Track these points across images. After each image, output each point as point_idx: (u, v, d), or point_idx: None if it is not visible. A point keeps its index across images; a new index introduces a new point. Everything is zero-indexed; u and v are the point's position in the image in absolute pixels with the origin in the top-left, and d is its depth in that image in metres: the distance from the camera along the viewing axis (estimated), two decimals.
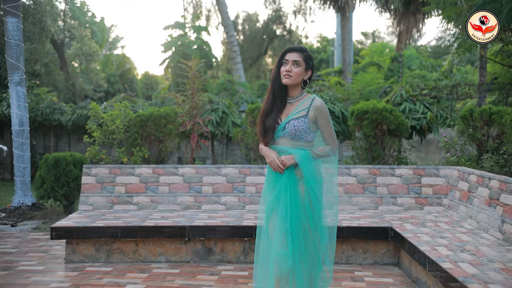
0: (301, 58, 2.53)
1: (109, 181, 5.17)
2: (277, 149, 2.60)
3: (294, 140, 2.57)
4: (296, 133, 2.53)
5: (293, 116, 2.55)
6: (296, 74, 2.52)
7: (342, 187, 5.04)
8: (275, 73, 2.59)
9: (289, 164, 2.52)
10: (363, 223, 4.31)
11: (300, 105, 2.58)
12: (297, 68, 2.52)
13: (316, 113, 2.56)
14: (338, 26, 21.30)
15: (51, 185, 6.64)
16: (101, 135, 5.28)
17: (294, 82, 2.55)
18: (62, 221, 4.54)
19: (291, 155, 2.54)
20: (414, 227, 4.08)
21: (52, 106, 11.28)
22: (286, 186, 2.54)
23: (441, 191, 4.85)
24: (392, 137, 5.17)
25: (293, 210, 2.50)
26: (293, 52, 2.54)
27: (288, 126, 2.55)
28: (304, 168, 2.51)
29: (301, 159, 2.52)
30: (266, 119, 2.61)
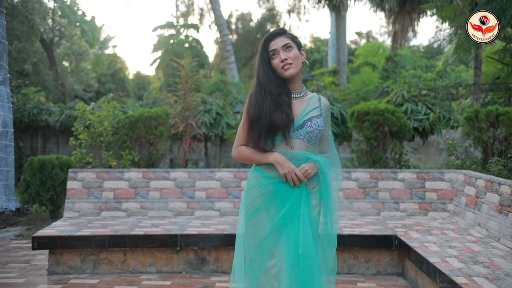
0: (288, 39, 2.12)
1: (97, 186, 4.89)
2: (291, 155, 2.05)
3: (310, 144, 2.08)
4: (317, 134, 2.07)
5: (312, 113, 2.09)
6: (294, 59, 2.08)
7: (342, 192, 4.80)
8: (264, 73, 2.09)
9: (312, 174, 2.04)
10: (365, 231, 4.08)
11: (311, 101, 2.14)
12: (291, 51, 2.09)
13: (325, 115, 2.16)
14: (332, 26, 21.12)
15: (36, 190, 6.33)
16: (88, 137, 4.99)
17: (298, 69, 2.11)
18: (45, 229, 4.26)
19: (313, 163, 2.04)
20: (420, 235, 3.86)
21: (40, 107, 10.94)
22: (299, 203, 2.02)
23: (446, 196, 4.63)
24: (394, 140, 4.95)
25: (307, 233, 1.99)
26: (277, 38, 2.11)
27: (309, 125, 2.06)
28: (325, 180, 2.05)
29: (325, 169, 2.06)
30: (270, 116, 2.02)
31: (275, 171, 2.06)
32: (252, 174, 2.13)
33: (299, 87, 2.16)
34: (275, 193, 2.06)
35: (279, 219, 2.02)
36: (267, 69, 2.08)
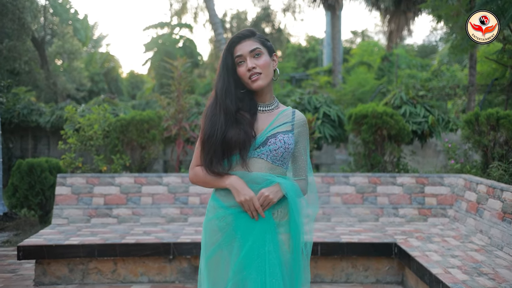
0: (257, 43, 1.75)
1: (86, 191, 4.72)
2: (248, 177, 1.71)
3: (275, 165, 1.74)
4: (284, 153, 1.72)
5: (279, 129, 1.74)
6: (264, 67, 1.73)
7: (340, 197, 4.68)
8: (223, 84, 1.74)
9: (275, 201, 1.69)
10: (364, 238, 3.96)
11: (281, 115, 1.79)
12: (261, 58, 1.74)
13: (300, 131, 1.81)
14: (328, 25, 21.01)
15: (24, 194, 6.15)
16: (77, 141, 4.82)
17: (268, 79, 1.76)
18: (31, 238, 4.09)
19: (276, 186, 1.69)
20: (421, 243, 3.74)
21: (30, 107, 10.72)
22: (264, 238, 1.67)
23: (446, 201, 4.52)
24: (392, 143, 4.83)
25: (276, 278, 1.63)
26: (244, 41, 1.74)
27: (272, 142, 1.71)
28: (293, 206, 1.70)
29: (286, 192, 1.70)
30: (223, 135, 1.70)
31: (234, 199, 1.72)
32: (210, 203, 1.80)
33: (268, 99, 1.81)
34: (236, 226, 1.70)
35: (241, 259, 1.66)
36: (228, 79, 1.74)
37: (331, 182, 4.73)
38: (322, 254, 3.90)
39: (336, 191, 4.70)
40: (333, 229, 4.31)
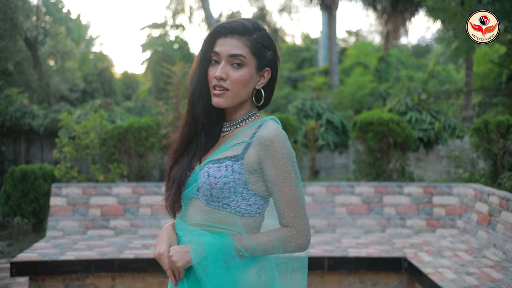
0: (245, 48, 1.25)
1: (82, 202, 4.54)
2: (179, 227, 1.32)
3: (210, 207, 1.26)
4: (212, 192, 1.23)
5: (215, 156, 1.27)
6: (237, 84, 1.24)
7: (345, 207, 4.54)
8: (196, 77, 1.30)
9: (181, 265, 1.21)
10: (372, 252, 3.82)
11: (237, 136, 1.29)
12: (239, 71, 1.25)
13: (260, 153, 1.23)
14: (324, 25, 20.89)
15: (18, 202, 5.95)
16: (72, 150, 4.64)
17: (238, 99, 1.28)
18: (25, 252, 3.91)
19: (184, 247, 1.23)
20: (432, 258, 3.61)
21: (23, 110, 10.48)
22: None
23: (455, 211, 4.39)
24: (399, 151, 4.70)
25: None
26: (230, 37, 1.25)
27: (201, 175, 1.25)
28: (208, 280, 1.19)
29: (200, 258, 1.20)
30: (175, 165, 1.33)
31: None
32: None
33: (236, 117, 1.32)
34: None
35: None
36: (203, 79, 1.29)
37: (336, 192, 4.59)
38: (329, 269, 3.76)
39: (341, 201, 4.56)
40: (339, 242, 4.17)
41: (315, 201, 4.59)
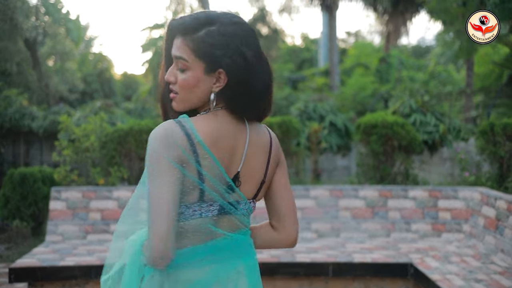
0: (187, 49, 1.11)
1: (82, 206, 4.47)
2: None
3: None
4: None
5: None
6: (183, 88, 1.14)
7: (349, 211, 4.48)
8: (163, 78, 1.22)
9: None
10: (377, 258, 3.75)
11: None
12: (184, 74, 1.13)
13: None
14: (324, 26, 20.83)
15: (16, 205, 5.88)
16: (72, 153, 4.57)
17: (187, 105, 1.16)
18: (24, 258, 3.84)
19: None
20: (438, 264, 3.54)
21: (22, 111, 10.41)
22: None
23: (461, 215, 4.33)
24: (403, 154, 4.63)
25: None
26: (177, 37, 1.14)
27: None
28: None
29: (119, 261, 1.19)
30: None
31: None
32: None
33: None
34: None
35: None
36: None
37: (340, 195, 4.52)
38: (333, 275, 3.69)
39: (345, 205, 4.50)
40: (343, 246, 4.11)
41: (318, 204, 4.53)
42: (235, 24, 1.14)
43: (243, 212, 1.18)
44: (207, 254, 1.13)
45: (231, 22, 1.14)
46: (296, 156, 4.91)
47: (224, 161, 1.13)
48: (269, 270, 3.72)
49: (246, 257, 1.19)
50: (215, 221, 1.14)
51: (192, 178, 1.09)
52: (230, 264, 1.15)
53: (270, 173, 1.23)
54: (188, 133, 1.08)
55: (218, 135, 1.12)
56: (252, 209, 1.22)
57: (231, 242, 1.16)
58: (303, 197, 4.54)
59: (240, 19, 1.17)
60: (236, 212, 1.16)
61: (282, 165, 1.27)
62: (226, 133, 1.14)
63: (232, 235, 1.16)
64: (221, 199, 1.13)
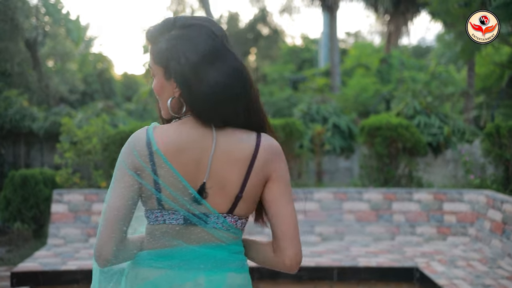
0: (151, 56, 1.15)
1: (84, 209, 4.44)
2: None
3: None
4: None
5: None
6: (158, 93, 1.16)
7: (353, 214, 4.44)
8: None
9: None
10: (382, 262, 3.72)
11: None
12: (153, 81, 1.18)
13: None
14: (325, 26, 20.79)
15: (18, 207, 5.84)
16: (74, 155, 4.53)
17: (166, 114, 1.16)
18: (26, 262, 3.81)
19: None
20: (445, 268, 3.50)
21: (22, 112, 10.37)
22: None
23: (466, 219, 4.29)
24: (407, 156, 4.59)
25: None
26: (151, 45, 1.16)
27: None
28: None
29: None
30: None
31: None
32: None
33: None
34: None
35: None
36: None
37: (344, 198, 4.49)
38: (338, 279, 3.66)
39: (349, 208, 4.46)
40: (348, 250, 4.07)
41: (322, 207, 4.49)
42: (189, 27, 1.11)
43: (215, 225, 1.12)
44: (163, 259, 1.13)
45: (186, 25, 1.12)
46: (299, 158, 4.87)
47: (189, 172, 1.10)
48: (272, 273, 3.68)
49: (211, 271, 1.14)
50: (178, 230, 1.12)
51: (147, 187, 1.09)
52: (188, 274, 1.12)
53: (252, 188, 1.11)
54: (149, 141, 1.09)
55: (181, 144, 1.10)
56: (231, 224, 1.13)
57: (190, 253, 1.13)
58: (307, 200, 4.50)
59: (199, 21, 1.13)
60: (206, 226, 1.12)
61: (278, 181, 1.12)
62: (191, 142, 1.10)
63: (192, 247, 1.12)
64: (183, 210, 1.10)
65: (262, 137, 1.13)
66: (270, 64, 23.01)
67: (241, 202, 1.12)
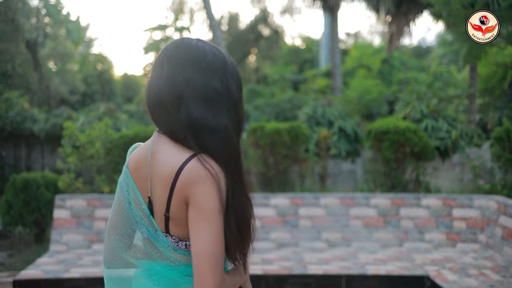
0: None
1: (87, 215, 4.36)
2: None
3: None
4: None
5: None
6: None
7: (361, 220, 4.37)
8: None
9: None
10: (391, 270, 3.64)
11: None
12: None
13: None
14: (326, 26, 20.72)
15: (19, 211, 5.77)
16: (76, 160, 4.46)
17: None
18: (28, 269, 3.74)
19: None
20: (456, 277, 3.43)
21: (23, 114, 10.30)
22: None
23: (476, 225, 4.22)
24: (415, 161, 4.52)
25: None
26: None
27: None
28: None
29: None
30: None
31: None
32: None
33: None
34: None
35: None
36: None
37: (351, 204, 4.42)
38: (347, 287, 3.58)
39: (356, 213, 4.39)
40: (355, 257, 4.00)
41: (328, 213, 4.42)
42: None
43: (163, 244, 1.12)
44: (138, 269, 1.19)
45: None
46: (304, 163, 4.80)
47: (142, 187, 1.15)
48: (279, 281, 3.62)
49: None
50: (146, 244, 1.17)
51: (124, 201, 1.18)
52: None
53: (175, 209, 1.07)
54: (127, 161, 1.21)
55: (140, 160, 1.15)
56: (173, 244, 1.10)
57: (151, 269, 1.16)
58: (312, 205, 4.43)
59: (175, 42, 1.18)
60: (157, 243, 1.13)
61: (194, 206, 1.04)
62: (145, 157, 1.14)
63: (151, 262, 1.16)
64: (141, 224, 1.15)
65: (194, 159, 1.06)
66: (271, 65, 22.95)
67: (171, 222, 1.09)
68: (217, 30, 15.91)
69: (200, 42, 1.16)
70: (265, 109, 10.95)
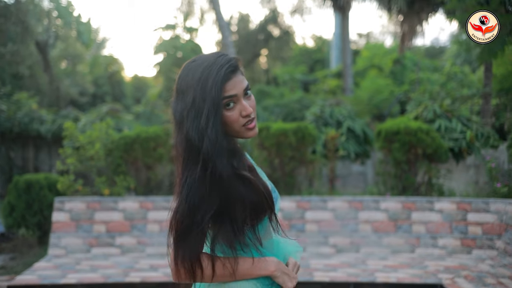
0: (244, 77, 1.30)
1: (86, 218, 4.24)
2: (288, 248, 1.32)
3: None
4: None
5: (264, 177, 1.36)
6: (255, 109, 1.31)
7: (370, 224, 4.17)
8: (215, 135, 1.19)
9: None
10: (402, 277, 3.44)
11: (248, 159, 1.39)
12: (251, 97, 1.29)
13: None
14: (337, 27, 20.48)
15: (22, 213, 5.68)
16: (76, 161, 4.34)
17: None
18: (24, 274, 3.62)
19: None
20: (472, 286, 3.21)
21: (31, 115, 10.28)
22: None
23: (493, 230, 3.99)
24: (427, 162, 4.30)
25: None
26: (236, 75, 1.26)
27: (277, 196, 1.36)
28: None
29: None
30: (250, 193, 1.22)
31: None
32: None
33: None
34: None
35: None
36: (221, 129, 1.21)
37: (360, 207, 4.22)
38: None
39: (365, 217, 4.19)
40: (364, 264, 3.80)
41: (336, 217, 4.23)
42: None
43: None
44: None
45: None
46: (312, 164, 4.62)
47: None
48: None
49: None
50: None
51: None
52: None
53: None
54: None
55: None
56: None
57: None
58: (320, 208, 4.25)
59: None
60: None
61: None
62: None
63: None
64: None
65: None
66: (282, 66, 22.76)
67: None
68: (226, 30, 15.79)
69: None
70: (274, 110, 10.78)
